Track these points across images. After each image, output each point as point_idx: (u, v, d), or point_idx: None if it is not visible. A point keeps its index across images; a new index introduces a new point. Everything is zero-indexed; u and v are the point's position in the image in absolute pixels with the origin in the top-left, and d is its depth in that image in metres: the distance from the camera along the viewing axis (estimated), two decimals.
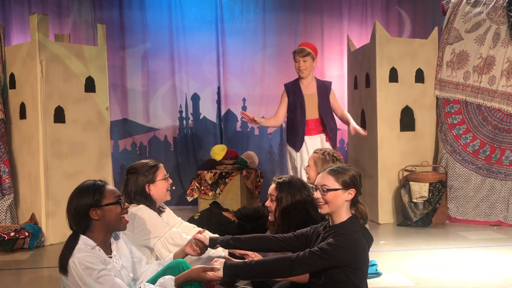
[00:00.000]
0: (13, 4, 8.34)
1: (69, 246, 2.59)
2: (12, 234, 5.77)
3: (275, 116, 5.93)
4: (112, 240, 2.79)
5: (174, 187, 4.25)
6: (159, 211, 3.67)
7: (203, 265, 2.74)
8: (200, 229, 3.46)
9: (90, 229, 2.65)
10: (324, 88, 5.79)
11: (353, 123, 5.67)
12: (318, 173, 2.96)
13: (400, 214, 6.66)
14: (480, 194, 6.63)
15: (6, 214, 6.20)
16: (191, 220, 5.23)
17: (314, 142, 5.71)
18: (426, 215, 6.44)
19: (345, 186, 2.83)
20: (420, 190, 6.42)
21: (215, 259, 2.83)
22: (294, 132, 5.76)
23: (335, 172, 2.85)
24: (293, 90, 5.81)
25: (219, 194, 7.43)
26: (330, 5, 8.89)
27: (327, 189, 2.81)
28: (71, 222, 2.66)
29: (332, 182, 2.82)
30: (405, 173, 6.70)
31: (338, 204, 2.82)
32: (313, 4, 8.86)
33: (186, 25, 8.72)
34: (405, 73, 6.78)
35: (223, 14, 8.76)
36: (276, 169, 8.89)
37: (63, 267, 2.56)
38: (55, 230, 6.15)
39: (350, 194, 2.84)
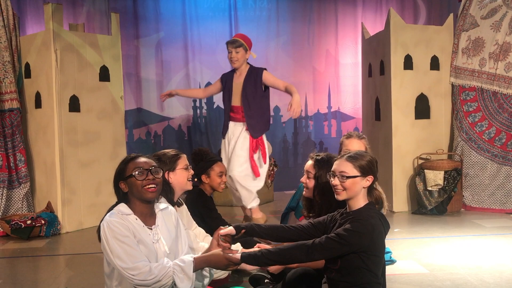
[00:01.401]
0: None
1: (108, 210, 2.75)
2: (28, 222, 5.84)
3: (202, 89, 6.13)
4: (159, 214, 2.84)
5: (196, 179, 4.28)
6: (178, 204, 3.68)
7: (223, 249, 2.74)
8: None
9: (127, 199, 2.77)
10: (253, 75, 5.83)
11: (295, 96, 5.69)
12: (335, 160, 2.96)
13: (414, 202, 6.65)
14: (495, 182, 6.60)
15: (22, 202, 6.26)
16: None
17: (237, 128, 5.82)
18: (441, 203, 6.42)
19: (363, 173, 2.84)
20: (435, 178, 6.40)
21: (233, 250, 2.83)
22: (224, 119, 5.98)
23: (354, 159, 2.85)
24: (226, 79, 5.97)
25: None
26: None
27: (346, 176, 2.82)
28: (116, 194, 2.81)
29: (350, 169, 2.83)
30: (420, 161, 6.68)
31: (356, 191, 2.83)
32: None
33: (200, 13, 8.72)
34: (420, 60, 6.74)
35: (236, 2, 8.77)
36: (290, 158, 8.92)
37: (98, 230, 2.70)
38: (71, 218, 6.22)
39: (367, 181, 2.85)
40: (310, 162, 3.54)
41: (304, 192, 3.57)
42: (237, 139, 5.82)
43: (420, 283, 3.96)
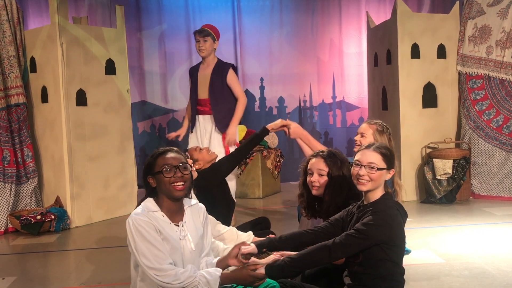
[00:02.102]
0: None
1: (138, 204, 2.74)
2: (38, 217, 5.82)
3: (188, 103, 6.09)
4: (187, 210, 2.81)
5: None
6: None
7: (250, 270, 2.71)
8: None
9: (156, 194, 2.75)
10: (220, 69, 5.83)
11: (230, 129, 5.72)
12: (360, 150, 2.92)
13: (423, 191, 6.65)
14: (504, 170, 6.60)
15: (31, 197, 6.24)
16: None
17: (207, 122, 5.80)
18: (450, 192, 6.43)
19: (389, 166, 2.83)
20: (444, 167, 6.39)
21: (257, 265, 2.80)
22: (189, 113, 5.94)
23: (383, 152, 2.84)
24: (193, 72, 5.94)
25: (240, 174, 7.44)
26: None
27: (377, 168, 2.80)
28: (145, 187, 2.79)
29: (380, 161, 2.81)
30: (428, 150, 6.68)
31: (379, 183, 2.81)
32: None
33: (202, 4, 8.69)
34: (427, 49, 6.72)
35: None
36: (296, 149, 8.89)
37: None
38: (80, 212, 6.20)
39: (390, 174, 2.85)
40: (316, 160, 3.37)
41: (314, 191, 3.37)
42: (210, 134, 5.81)
43: (437, 272, 3.96)
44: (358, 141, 4.23)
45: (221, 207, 4.33)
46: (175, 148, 2.80)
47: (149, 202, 2.73)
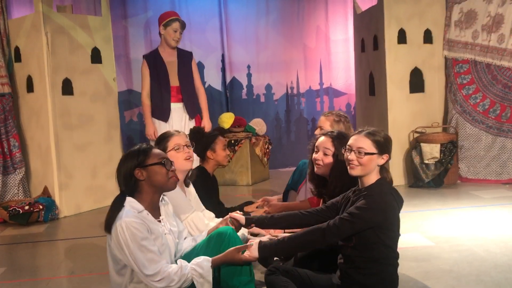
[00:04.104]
0: None
1: (116, 207, 2.65)
2: (26, 207, 5.79)
3: (145, 94, 5.78)
4: (160, 204, 2.83)
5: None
6: (186, 184, 3.65)
7: (237, 246, 2.75)
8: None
9: (138, 190, 2.71)
10: (184, 56, 5.88)
11: (205, 120, 5.82)
12: (351, 135, 2.93)
13: (411, 175, 6.68)
14: (491, 153, 6.65)
15: (18, 188, 6.20)
16: None
17: (179, 111, 5.77)
18: (438, 175, 6.46)
19: (381, 151, 2.82)
20: (432, 151, 6.42)
21: (250, 240, 2.84)
22: (159, 101, 5.74)
23: (372, 136, 2.83)
24: (154, 60, 5.81)
25: (229, 162, 7.39)
26: None
27: (365, 152, 2.80)
28: (120, 184, 2.72)
29: (369, 146, 2.80)
30: (416, 135, 6.70)
31: (370, 168, 2.81)
32: None
33: None
34: (414, 34, 6.71)
35: None
36: (283, 136, 8.91)
37: (108, 227, 2.63)
38: (69, 202, 6.18)
39: (383, 159, 2.83)
40: (324, 139, 3.38)
41: (316, 169, 3.40)
42: (184, 123, 5.79)
43: (428, 255, 3.99)
44: (318, 135, 4.21)
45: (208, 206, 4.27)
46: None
47: (133, 203, 2.69)
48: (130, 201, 2.69)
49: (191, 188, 3.74)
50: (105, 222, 2.65)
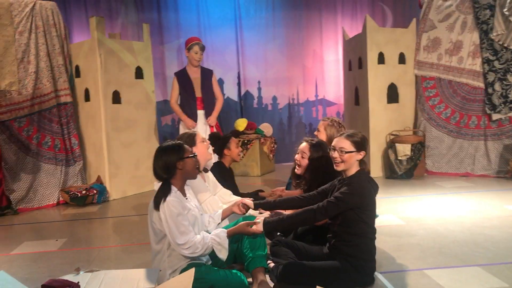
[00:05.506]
0: (73, 9, 8.28)
1: (164, 190, 2.67)
2: (83, 192, 5.83)
3: (174, 101, 5.85)
4: (186, 187, 2.87)
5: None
6: (205, 170, 3.67)
7: (247, 221, 2.80)
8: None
9: (174, 177, 2.73)
10: (206, 73, 5.88)
11: (213, 115, 5.78)
12: (335, 137, 2.95)
13: (387, 169, 6.66)
14: (451, 152, 6.62)
15: (77, 176, 6.26)
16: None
17: (201, 116, 5.79)
18: (409, 169, 6.44)
19: (358, 149, 2.83)
20: (404, 149, 6.40)
21: (257, 216, 2.87)
22: (188, 109, 5.78)
23: (351, 137, 2.84)
24: (182, 76, 5.85)
25: (242, 157, 7.44)
26: (326, 3, 8.78)
27: (345, 151, 2.81)
28: (160, 173, 2.72)
29: (348, 146, 2.82)
30: (391, 137, 6.68)
31: (351, 163, 2.82)
32: (313, 3, 8.74)
33: (211, 22, 8.63)
34: (390, 56, 6.70)
35: (240, 13, 8.67)
36: (286, 137, 8.91)
37: (157, 205, 2.64)
38: (117, 188, 6.22)
39: (361, 155, 2.84)
40: (305, 144, 3.46)
41: (296, 170, 3.49)
42: (206, 126, 5.78)
43: (399, 232, 3.99)
44: (317, 134, 4.21)
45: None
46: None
47: (172, 185, 2.72)
48: (172, 186, 2.72)
49: (210, 174, 3.77)
50: (154, 201, 2.67)
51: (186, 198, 2.80)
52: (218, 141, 4.43)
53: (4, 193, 5.60)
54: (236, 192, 4.11)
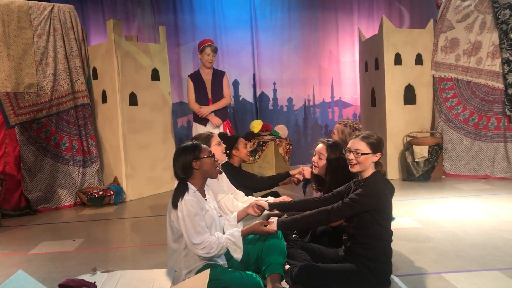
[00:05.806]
0: (90, 12, 8.38)
1: (181, 189, 2.70)
2: (100, 193, 5.90)
3: (193, 101, 5.74)
4: (205, 188, 2.89)
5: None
6: (220, 172, 3.68)
7: (262, 221, 2.81)
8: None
9: (192, 177, 2.75)
10: (217, 74, 5.82)
11: (211, 107, 5.66)
12: (351, 139, 2.93)
13: (404, 171, 6.60)
14: (470, 154, 6.53)
15: (94, 177, 6.32)
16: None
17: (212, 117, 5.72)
18: (426, 171, 6.38)
19: (374, 150, 2.81)
20: (421, 151, 6.34)
21: (271, 217, 2.87)
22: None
23: (367, 139, 2.83)
24: (196, 77, 5.79)
25: (258, 158, 7.44)
26: (342, 3, 8.73)
27: (361, 153, 2.79)
28: (178, 172, 2.75)
29: (364, 147, 2.80)
30: (409, 138, 6.62)
31: (367, 165, 2.81)
32: (329, 3, 8.70)
33: (227, 24, 8.65)
34: (407, 57, 6.64)
35: (256, 14, 8.67)
36: (301, 138, 8.88)
37: (175, 204, 2.67)
38: (133, 189, 6.27)
39: (376, 156, 2.83)
40: (321, 145, 3.43)
41: (313, 170, 3.46)
42: (217, 128, 5.72)
43: (416, 235, 3.95)
44: (333, 136, 4.18)
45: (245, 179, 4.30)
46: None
47: (190, 186, 2.74)
48: (190, 186, 2.74)
49: (223, 175, 3.78)
50: (172, 201, 2.70)
51: (206, 199, 2.81)
52: (227, 142, 4.42)
53: (23, 193, 5.69)
54: (254, 180, 4.16)
